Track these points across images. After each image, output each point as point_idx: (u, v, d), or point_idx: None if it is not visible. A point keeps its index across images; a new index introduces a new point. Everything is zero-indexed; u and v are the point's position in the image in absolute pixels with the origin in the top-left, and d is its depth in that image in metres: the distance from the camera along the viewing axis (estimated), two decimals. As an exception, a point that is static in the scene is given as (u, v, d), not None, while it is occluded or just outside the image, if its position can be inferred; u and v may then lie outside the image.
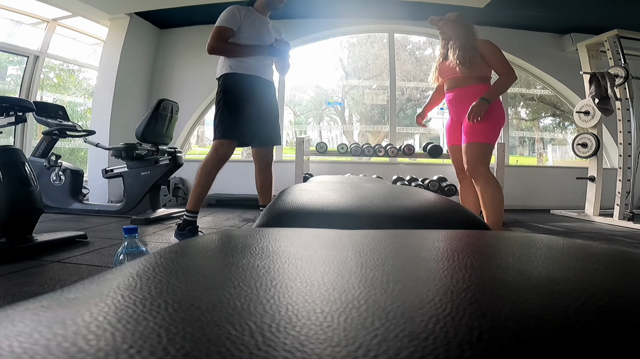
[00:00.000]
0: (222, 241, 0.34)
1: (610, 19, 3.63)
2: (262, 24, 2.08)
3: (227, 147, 1.98)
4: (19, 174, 1.79)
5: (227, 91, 1.97)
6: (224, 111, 1.96)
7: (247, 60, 1.99)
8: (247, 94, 1.99)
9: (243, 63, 1.99)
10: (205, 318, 0.16)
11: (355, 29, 4.68)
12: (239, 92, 1.98)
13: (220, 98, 1.98)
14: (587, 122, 3.55)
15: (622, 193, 3.32)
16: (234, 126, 1.96)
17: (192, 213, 2.01)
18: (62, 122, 3.00)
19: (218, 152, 1.97)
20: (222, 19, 1.95)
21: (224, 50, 1.97)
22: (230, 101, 1.96)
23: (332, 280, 0.22)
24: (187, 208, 2.02)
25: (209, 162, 1.98)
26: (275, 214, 0.59)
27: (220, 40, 1.93)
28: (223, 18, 1.95)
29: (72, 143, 4.44)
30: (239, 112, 1.96)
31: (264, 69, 2.09)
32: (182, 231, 2.00)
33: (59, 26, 4.01)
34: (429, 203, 0.67)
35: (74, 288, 0.21)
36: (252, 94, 2.02)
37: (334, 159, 4.38)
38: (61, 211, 3.08)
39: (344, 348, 0.14)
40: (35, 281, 1.39)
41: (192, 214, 2.01)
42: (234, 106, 1.96)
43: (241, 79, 1.99)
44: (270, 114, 2.17)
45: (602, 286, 0.21)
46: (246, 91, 1.99)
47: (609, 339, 0.15)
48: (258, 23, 2.05)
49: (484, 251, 0.31)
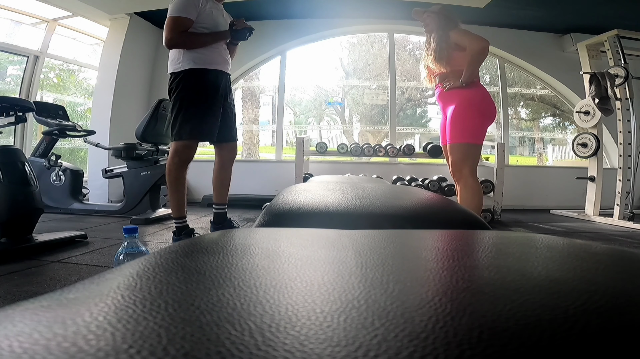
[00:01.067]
0: (222, 241, 0.34)
1: (610, 19, 3.63)
2: (218, 12, 1.92)
3: (190, 149, 1.89)
4: (19, 174, 1.79)
5: (190, 88, 1.84)
6: (189, 109, 1.83)
7: (210, 54, 1.86)
8: (212, 91, 1.88)
9: (206, 57, 1.85)
10: (205, 318, 0.16)
11: (355, 29, 4.68)
12: (205, 89, 1.85)
13: (182, 95, 1.84)
14: (587, 122, 3.55)
15: (622, 193, 3.32)
16: (199, 125, 1.85)
17: (180, 219, 1.98)
18: (62, 122, 3.00)
19: (180, 155, 1.87)
20: (179, 8, 1.76)
21: (185, 42, 1.81)
22: (194, 99, 1.83)
23: (332, 280, 0.22)
24: (173, 216, 2.00)
25: (172, 168, 1.88)
26: (275, 214, 0.59)
27: (180, 31, 1.76)
28: (179, 6, 1.76)
29: (72, 143, 4.44)
30: (204, 110, 1.85)
31: (225, 63, 1.96)
32: (179, 236, 2.00)
33: (59, 26, 4.01)
34: (429, 203, 0.67)
35: (74, 288, 0.21)
36: (216, 91, 1.90)
37: (334, 159, 4.38)
38: (61, 211, 3.08)
39: (344, 348, 0.14)
40: (35, 281, 1.39)
41: (181, 220, 1.98)
42: (198, 104, 1.84)
43: (207, 75, 1.85)
44: (232, 110, 2.07)
45: (602, 286, 0.21)
46: (211, 88, 1.88)
47: (609, 339, 0.15)
48: (215, 12, 1.89)
49: (483, 251, 0.31)
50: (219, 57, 1.91)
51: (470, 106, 1.95)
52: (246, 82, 4.99)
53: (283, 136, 4.61)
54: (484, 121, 1.99)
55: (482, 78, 5.37)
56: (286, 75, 4.62)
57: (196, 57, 1.84)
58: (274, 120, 4.73)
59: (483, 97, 1.98)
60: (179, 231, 2.00)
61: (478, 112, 1.95)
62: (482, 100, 1.97)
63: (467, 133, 1.96)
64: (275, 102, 4.87)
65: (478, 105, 1.95)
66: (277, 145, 4.55)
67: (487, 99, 1.99)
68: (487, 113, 1.99)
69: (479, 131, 1.98)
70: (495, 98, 4.78)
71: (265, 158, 5.06)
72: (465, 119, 1.95)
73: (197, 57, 1.84)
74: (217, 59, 1.90)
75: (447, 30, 2.00)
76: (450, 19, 2.05)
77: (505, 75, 4.62)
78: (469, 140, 1.96)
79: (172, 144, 1.90)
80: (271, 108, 5.21)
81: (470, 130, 1.95)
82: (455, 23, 2.05)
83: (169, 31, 1.77)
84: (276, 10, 4.11)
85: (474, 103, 1.95)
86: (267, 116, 5.41)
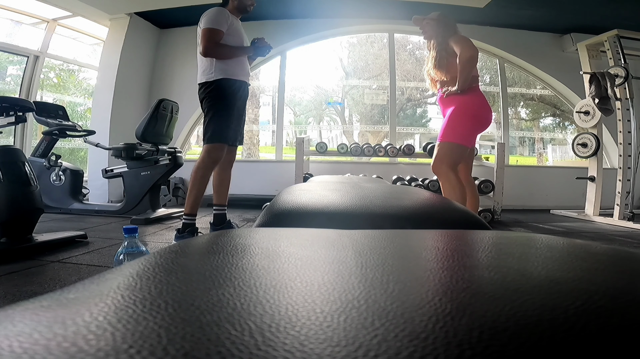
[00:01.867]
0: (222, 241, 0.34)
1: (610, 19, 3.63)
2: (240, 27, 2.11)
3: (220, 151, 2.03)
4: (19, 174, 1.79)
5: (221, 96, 2.01)
6: (218, 115, 2.00)
7: (237, 67, 2.04)
8: (237, 100, 2.08)
9: (234, 69, 2.03)
10: (205, 318, 0.16)
11: (355, 29, 4.68)
12: (232, 98, 2.03)
13: (214, 103, 2.01)
14: (587, 122, 3.55)
15: (622, 193, 3.32)
16: (226, 130, 2.02)
17: (191, 216, 2.05)
18: (62, 122, 3.00)
19: (212, 156, 2.02)
20: (214, 20, 1.94)
21: (219, 52, 1.98)
22: (224, 106, 2.01)
23: (332, 280, 0.22)
24: (184, 212, 2.07)
25: (202, 166, 2.01)
26: (275, 214, 0.59)
27: (215, 42, 1.93)
28: (214, 19, 1.94)
29: (72, 143, 4.44)
30: (230, 117, 2.04)
31: (247, 75, 2.16)
32: (182, 234, 2.04)
33: (59, 26, 4.01)
34: (429, 203, 0.67)
35: (74, 288, 0.21)
36: (240, 99, 2.10)
37: (334, 159, 4.38)
38: (61, 211, 3.08)
39: (344, 348, 0.14)
40: (35, 281, 1.39)
41: (191, 217, 2.05)
42: (227, 111, 2.02)
43: (234, 85, 2.04)
44: (244, 116, 2.24)
45: (602, 286, 0.21)
46: (237, 97, 2.06)
47: (609, 339, 0.15)
48: (239, 27, 2.09)
49: (483, 251, 0.31)
50: (243, 69, 2.10)
51: (466, 111, 2.02)
52: (246, 82, 4.99)
53: (283, 136, 4.60)
54: (476, 127, 2.07)
55: (482, 78, 5.38)
56: (286, 75, 4.61)
57: (226, 68, 2.01)
58: (274, 120, 4.73)
59: (480, 104, 2.05)
60: (183, 228, 2.05)
61: (473, 117, 2.02)
62: (478, 107, 2.04)
63: (457, 135, 2.03)
64: (275, 102, 4.87)
65: (474, 112, 2.02)
66: (277, 145, 4.55)
67: (484, 107, 2.07)
68: (482, 120, 2.06)
69: (469, 135, 2.06)
70: (495, 98, 4.79)
71: (265, 158, 5.06)
72: (460, 123, 2.02)
73: (226, 69, 2.01)
74: (242, 71, 2.09)
75: (446, 38, 2.06)
76: (449, 26, 2.10)
77: (505, 75, 4.62)
78: (457, 141, 2.03)
79: (205, 146, 2.04)
80: (271, 108, 5.21)
81: (460, 132, 2.03)
82: (453, 29, 2.10)
83: (206, 41, 1.92)
84: (276, 10, 4.11)
85: (470, 109, 2.02)
86: (267, 116, 5.41)
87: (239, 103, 2.09)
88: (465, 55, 1.95)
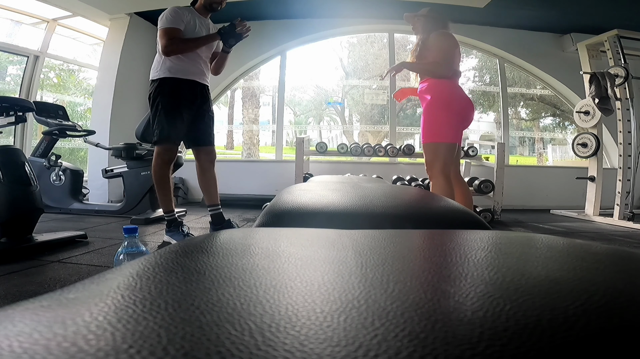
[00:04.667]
0: (222, 241, 0.34)
1: (610, 19, 3.63)
2: (202, 25, 2.04)
3: (169, 151, 2.02)
4: (19, 174, 1.79)
5: (164, 95, 1.95)
6: (162, 116, 1.95)
7: (185, 65, 1.98)
8: (185, 100, 2.00)
9: (181, 67, 1.97)
10: (205, 318, 0.16)
11: (355, 29, 4.68)
12: (177, 97, 1.97)
13: (157, 102, 1.96)
14: (587, 122, 3.55)
15: (622, 193, 3.32)
16: (171, 130, 1.97)
17: (169, 213, 2.10)
18: (62, 122, 3.00)
19: (162, 157, 2.02)
20: (168, 20, 1.91)
21: (180, 48, 1.93)
22: (167, 106, 1.95)
23: (332, 280, 0.22)
24: (163, 211, 2.12)
25: (156, 169, 2.03)
26: (275, 214, 0.59)
27: (171, 39, 1.89)
28: (169, 19, 1.91)
29: (72, 143, 4.44)
30: (174, 117, 1.97)
31: (201, 74, 2.08)
32: (169, 228, 2.10)
33: (59, 26, 4.01)
34: (429, 203, 0.67)
35: (74, 288, 0.21)
36: (189, 100, 2.02)
37: (334, 159, 4.38)
38: (61, 211, 3.08)
39: (344, 348, 0.14)
40: (35, 281, 1.39)
41: (169, 214, 2.10)
42: (172, 110, 1.96)
43: (180, 85, 1.97)
44: (207, 117, 2.16)
45: (602, 286, 0.21)
46: (183, 97, 1.99)
47: (609, 339, 0.15)
48: (199, 25, 2.02)
49: (483, 251, 0.31)
50: (194, 68, 2.03)
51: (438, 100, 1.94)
52: (246, 82, 5.00)
53: (283, 136, 4.60)
54: (454, 118, 1.96)
55: (482, 78, 5.38)
56: (286, 75, 4.62)
57: (172, 66, 1.96)
58: (274, 120, 4.73)
59: (450, 90, 1.96)
60: (168, 224, 2.11)
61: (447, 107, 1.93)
62: (452, 96, 1.95)
63: (435, 132, 1.96)
64: (275, 102, 4.87)
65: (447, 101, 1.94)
66: (277, 145, 4.55)
67: (455, 93, 1.98)
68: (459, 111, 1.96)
69: (447, 128, 1.95)
70: (495, 98, 4.79)
71: (265, 158, 5.06)
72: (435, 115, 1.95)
73: (172, 67, 1.96)
74: (192, 69, 2.02)
75: (429, 32, 2.02)
76: (437, 20, 2.06)
77: (505, 75, 4.62)
78: (438, 139, 1.96)
79: (155, 148, 2.04)
80: (271, 108, 5.22)
81: (437, 128, 1.96)
82: (442, 23, 2.06)
83: (163, 40, 1.90)
84: (276, 10, 4.11)
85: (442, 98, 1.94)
86: (267, 116, 5.41)
87: (189, 104, 2.01)
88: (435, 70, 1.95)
